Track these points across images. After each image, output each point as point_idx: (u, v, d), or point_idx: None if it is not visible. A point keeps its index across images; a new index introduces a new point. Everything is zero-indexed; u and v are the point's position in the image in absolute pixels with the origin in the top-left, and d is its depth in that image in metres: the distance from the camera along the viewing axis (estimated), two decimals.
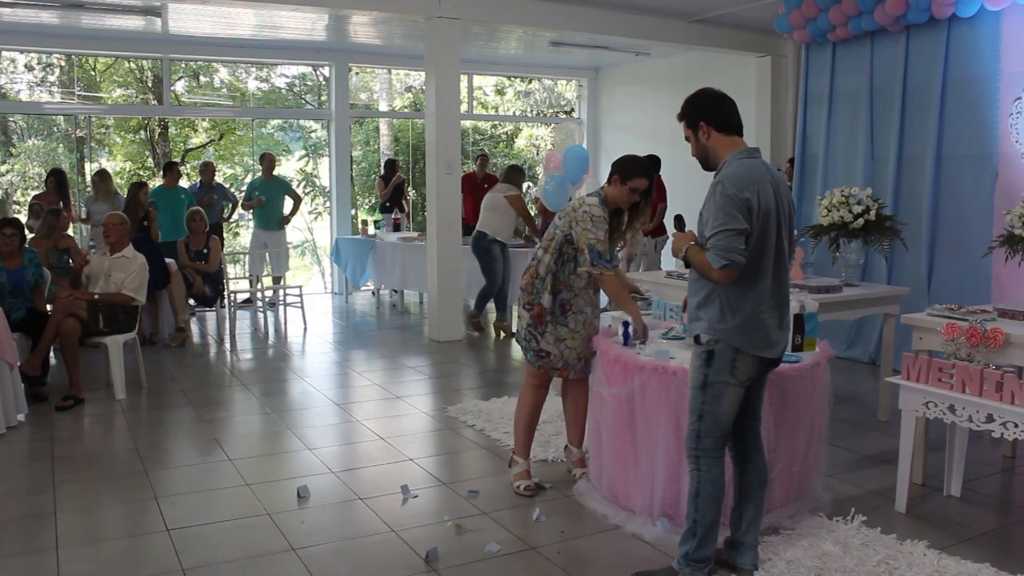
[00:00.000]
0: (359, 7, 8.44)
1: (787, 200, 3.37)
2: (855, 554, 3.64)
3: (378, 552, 3.79)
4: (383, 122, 16.82)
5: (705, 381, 3.32)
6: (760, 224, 3.20)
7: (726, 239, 3.13)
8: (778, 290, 3.33)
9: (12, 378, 5.70)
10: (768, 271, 3.27)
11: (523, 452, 4.64)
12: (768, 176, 3.29)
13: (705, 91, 3.43)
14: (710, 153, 3.38)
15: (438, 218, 8.62)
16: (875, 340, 7.45)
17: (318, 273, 16.23)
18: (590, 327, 4.49)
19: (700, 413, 3.34)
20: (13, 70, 14.36)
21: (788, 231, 3.36)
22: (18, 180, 14.23)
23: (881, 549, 3.67)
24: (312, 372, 7.45)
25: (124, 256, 6.81)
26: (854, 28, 7.62)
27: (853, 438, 5.43)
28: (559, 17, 9.20)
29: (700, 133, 3.37)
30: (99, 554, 3.80)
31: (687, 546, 3.38)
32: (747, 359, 3.29)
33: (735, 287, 3.24)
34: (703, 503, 3.34)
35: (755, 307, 3.26)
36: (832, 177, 8.09)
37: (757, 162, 3.32)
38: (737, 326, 3.25)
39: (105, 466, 5.00)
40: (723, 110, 3.36)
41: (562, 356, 4.46)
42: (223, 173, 15.54)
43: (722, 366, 3.29)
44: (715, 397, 3.31)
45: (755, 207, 3.18)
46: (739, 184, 3.18)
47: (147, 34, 10.54)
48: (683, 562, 3.39)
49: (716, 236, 3.16)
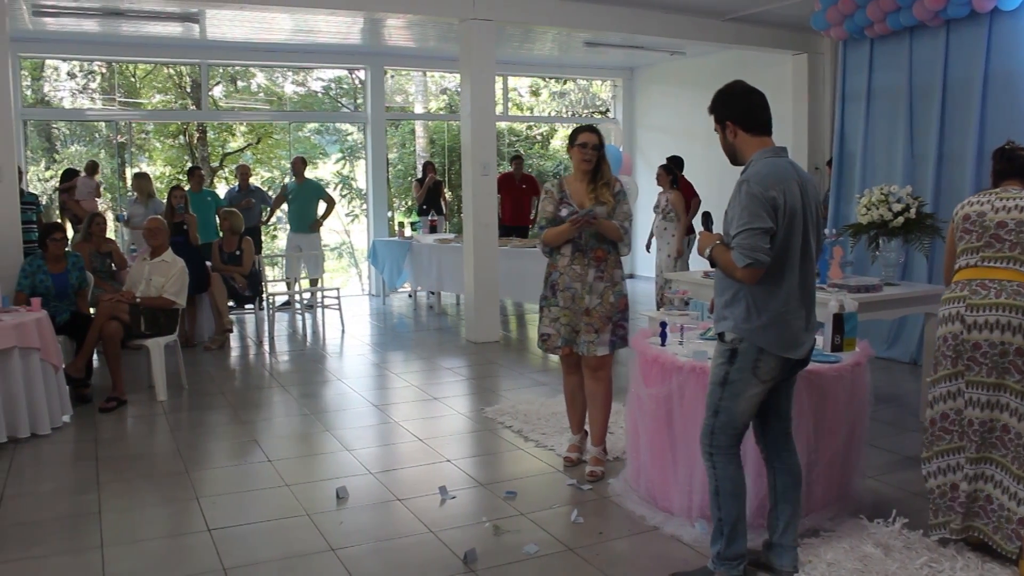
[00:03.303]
0: (394, 10, 8.48)
1: (815, 199, 3.34)
2: (897, 557, 3.59)
3: (416, 553, 3.80)
4: (419, 124, 16.88)
5: (726, 378, 3.31)
6: (786, 223, 3.18)
7: (751, 238, 3.11)
8: (804, 290, 3.31)
9: (57, 380, 5.80)
10: (795, 271, 3.25)
11: (572, 428, 5.01)
12: (795, 175, 3.26)
13: (735, 87, 3.40)
14: (737, 151, 3.38)
15: (474, 219, 8.64)
16: (916, 340, 7.35)
17: (355, 275, 16.32)
18: (580, 300, 4.58)
19: (716, 409, 3.34)
20: (56, 78, 14.60)
21: (816, 231, 3.34)
22: None
23: (924, 552, 3.62)
24: (350, 374, 7.50)
25: (164, 260, 6.89)
26: (892, 24, 7.53)
27: (894, 439, 5.36)
28: (593, 17, 9.18)
29: (727, 131, 3.36)
30: (142, 553, 3.85)
31: (717, 546, 3.37)
32: (771, 359, 3.27)
33: (761, 287, 3.22)
34: (724, 501, 3.34)
35: (782, 307, 3.24)
36: (870, 175, 8.00)
37: (783, 161, 3.30)
38: (763, 326, 3.24)
39: (147, 466, 5.07)
40: (750, 109, 3.33)
41: (560, 334, 4.63)
42: (260, 177, 15.69)
43: (744, 364, 3.27)
44: (734, 395, 3.30)
45: (781, 206, 3.16)
46: (765, 183, 3.16)
47: (185, 40, 10.67)
48: (717, 562, 3.38)
49: (741, 235, 3.14)
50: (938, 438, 3.66)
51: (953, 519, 3.59)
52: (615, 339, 4.61)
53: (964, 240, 3.73)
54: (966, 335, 3.57)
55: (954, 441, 3.62)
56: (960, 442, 3.60)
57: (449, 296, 11.69)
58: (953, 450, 3.62)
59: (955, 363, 3.61)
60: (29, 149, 12.68)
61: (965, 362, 3.57)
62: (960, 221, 3.78)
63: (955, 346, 3.60)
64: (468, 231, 8.77)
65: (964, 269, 3.70)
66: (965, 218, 3.75)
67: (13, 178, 6.89)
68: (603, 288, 4.58)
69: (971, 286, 3.61)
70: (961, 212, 3.79)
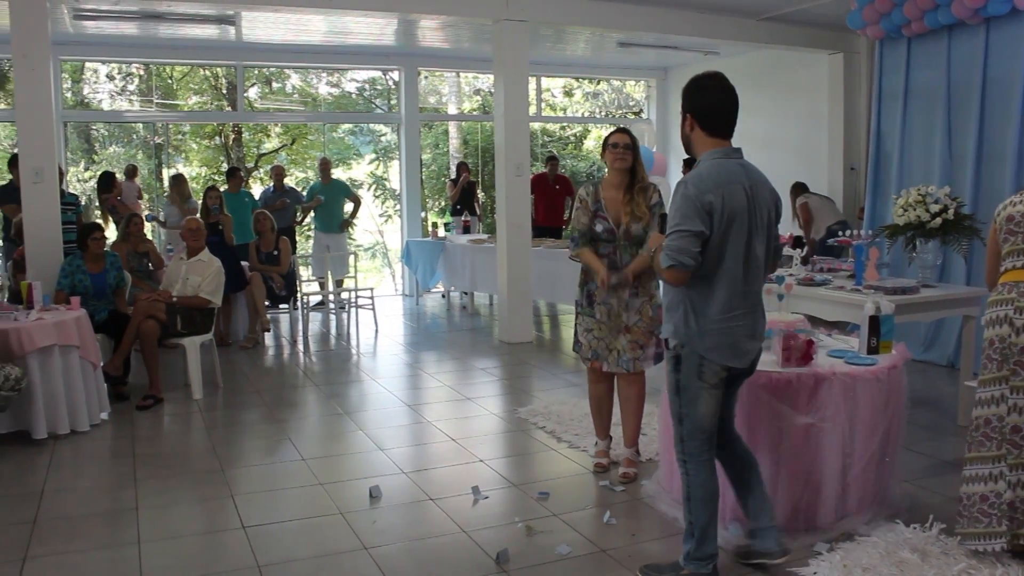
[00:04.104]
0: (428, 11, 8.51)
1: (767, 204, 3.30)
2: (934, 563, 3.53)
3: (449, 553, 3.81)
4: (452, 125, 16.93)
5: (678, 385, 3.32)
6: (723, 227, 3.15)
7: (679, 240, 3.11)
8: (749, 297, 3.28)
9: (96, 378, 5.88)
10: (736, 277, 3.21)
11: (598, 434, 4.95)
12: (742, 179, 3.22)
13: (707, 81, 3.35)
14: (691, 145, 3.37)
15: (508, 220, 8.64)
16: (954, 342, 7.25)
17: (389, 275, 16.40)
18: (616, 318, 4.54)
19: (679, 417, 3.35)
20: (95, 80, 14.82)
21: (765, 236, 3.30)
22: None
23: (962, 558, 3.55)
24: (383, 373, 7.53)
25: (200, 260, 6.97)
26: (930, 22, 7.43)
27: (931, 443, 5.29)
28: (627, 18, 9.14)
29: (685, 123, 3.35)
30: (178, 549, 3.89)
31: (688, 545, 3.40)
32: (714, 365, 3.25)
33: (696, 291, 3.22)
34: (695, 506, 3.35)
35: (720, 314, 3.21)
36: (907, 176, 7.90)
37: (731, 163, 3.25)
38: (701, 332, 3.23)
39: (183, 464, 5.13)
40: (713, 109, 3.30)
41: (591, 347, 4.62)
42: (295, 177, 15.81)
43: (689, 371, 3.27)
44: (690, 401, 3.30)
45: (717, 210, 3.13)
46: (701, 186, 3.14)
47: (221, 42, 10.77)
48: (685, 560, 3.40)
49: (670, 236, 3.14)
50: (979, 443, 3.59)
51: (996, 527, 3.52)
52: (659, 351, 4.54)
53: (1010, 241, 3.65)
54: (1014, 338, 3.50)
55: (993, 449, 3.55)
56: (999, 451, 3.53)
57: (482, 296, 11.70)
58: (993, 458, 3.55)
59: (1000, 367, 3.53)
60: (69, 150, 12.87)
61: (1011, 366, 3.50)
62: (1004, 222, 3.70)
63: (1002, 349, 3.53)
64: (501, 232, 8.78)
65: (1012, 271, 3.61)
66: (1009, 219, 3.67)
67: (54, 179, 6.99)
68: (640, 303, 4.55)
69: (1019, 288, 3.53)
70: (1004, 213, 3.72)
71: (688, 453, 3.35)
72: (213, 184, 10.52)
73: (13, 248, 8.04)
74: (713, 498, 3.37)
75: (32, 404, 5.39)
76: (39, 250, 6.89)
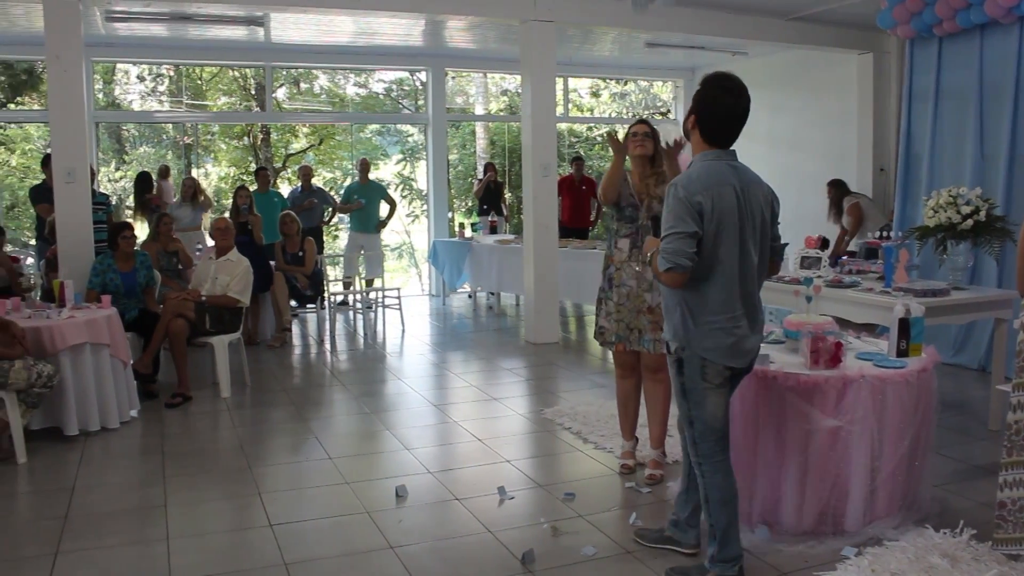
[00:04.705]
0: (455, 12, 8.53)
1: (760, 204, 3.29)
2: (965, 569, 3.48)
3: (475, 552, 3.82)
4: (479, 125, 16.94)
5: (683, 388, 3.32)
6: (714, 228, 3.16)
7: (674, 242, 3.11)
8: (746, 298, 3.27)
9: (126, 375, 5.95)
10: (732, 278, 3.22)
11: (624, 434, 4.93)
12: (732, 180, 3.22)
13: (712, 85, 3.31)
14: (689, 143, 3.41)
15: (534, 220, 8.64)
16: (985, 346, 7.16)
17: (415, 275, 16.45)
18: (636, 299, 4.56)
19: (690, 420, 3.35)
20: (126, 81, 14.98)
21: (759, 236, 3.30)
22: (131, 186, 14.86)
23: (993, 565, 3.50)
24: (409, 373, 7.56)
25: (229, 259, 7.03)
26: (962, 22, 7.34)
27: (961, 447, 5.23)
28: (654, 18, 9.10)
29: (688, 120, 3.35)
30: (206, 546, 3.92)
31: (711, 548, 3.40)
32: (716, 365, 3.26)
33: (693, 293, 3.22)
34: (714, 508, 3.35)
35: (718, 315, 3.22)
36: (938, 177, 7.81)
37: (721, 165, 3.26)
38: (701, 334, 3.23)
39: (211, 462, 5.17)
40: (717, 118, 3.28)
41: (614, 330, 4.63)
42: (322, 177, 15.90)
43: (693, 372, 3.28)
44: (697, 403, 3.30)
45: (708, 211, 3.14)
46: (691, 188, 3.15)
47: (250, 43, 10.85)
48: (710, 564, 3.40)
49: (666, 239, 3.14)
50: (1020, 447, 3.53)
51: None
52: None
53: None
54: None
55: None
56: None
57: (509, 297, 11.71)
58: None
59: None
60: (100, 150, 13.02)
61: None
62: None
63: None
64: (528, 232, 8.78)
65: None
66: None
67: (85, 179, 7.07)
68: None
69: None
70: None
71: (702, 455, 3.35)
72: (243, 184, 10.59)
73: (46, 247, 8.15)
74: (731, 499, 3.37)
75: (64, 401, 5.46)
76: (71, 249, 6.99)
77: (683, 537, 3.71)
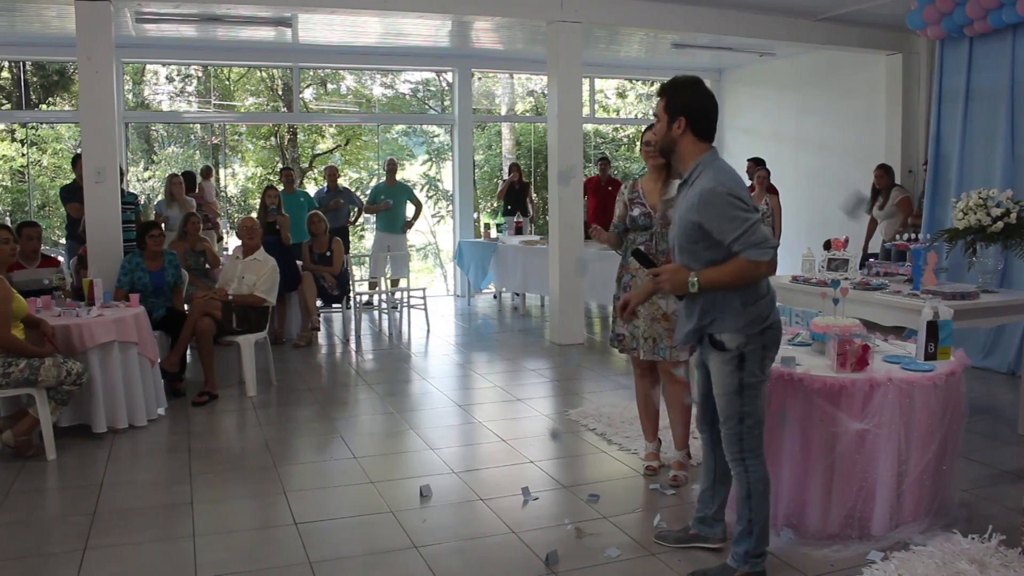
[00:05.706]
0: (482, 13, 8.54)
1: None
2: (993, 574, 3.44)
3: (498, 553, 3.82)
4: (505, 126, 16.95)
5: (741, 385, 3.30)
6: None
7: (760, 229, 3.15)
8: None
9: (153, 374, 6.00)
10: None
11: (646, 436, 4.92)
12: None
13: (700, 85, 3.38)
14: (676, 148, 3.37)
15: (560, 221, 8.63)
16: (1015, 349, 7.08)
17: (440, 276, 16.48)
18: (651, 306, 4.53)
19: (740, 416, 3.32)
20: (156, 82, 15.12)
21: None
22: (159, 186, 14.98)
23: (1022, 571, 3.47)
24: (434, 373, 7.57)
25: (256, 259, 7.07)
26: (994, 22, 7.26)
27: (990, 452, 5.17)
28: (681, 18, 9.08)
29: (675, 124, 3.33)
30: (232, 544, 3.95)
31: (745, 545, 3.38)
32: (771, 354, 3.34)
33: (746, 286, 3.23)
34: (756, 502, 3.35)
35: (764, 292, 3.28)
36: (968, 178, 7.72)
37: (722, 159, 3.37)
38: (761, 324, 3.25)
39: (237, 460, 5.21)
40: (708, 115, 3.34)
41: (633, 337, 4.61)
42: (349, 178, 15.97)
43: (754, 366, 3.28)
44: (752, 398, 3.31)
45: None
46: (736, 181, 3.23)
47: (278, 44, 10.92)
48: (742, 559, 3.39)
49: (746, 234, 3.11)
50: None
51: None
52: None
53: None
54: None
55: None
56: None
57: (533, 298, 11.70)
58: None
59: None
60: (130, 150, 13.14)
61: None
62: None
63: None
64: (553, 233, 8.77)
65: None
66: None
67: (115, 179, 7.14)
68: None
69: None
70: None
71: (748, 450, 3.34)
72: (271, 184, 10.66)
73: (76, 246, 8.23)
74: (770, 492, 3.41)
75: (92, 398, 5.51)
76: (100, 248, 7.06)
77: (710, 533, 3.74)
